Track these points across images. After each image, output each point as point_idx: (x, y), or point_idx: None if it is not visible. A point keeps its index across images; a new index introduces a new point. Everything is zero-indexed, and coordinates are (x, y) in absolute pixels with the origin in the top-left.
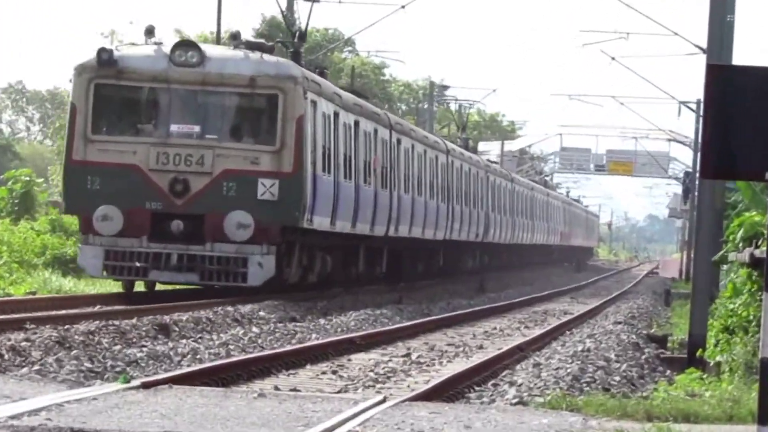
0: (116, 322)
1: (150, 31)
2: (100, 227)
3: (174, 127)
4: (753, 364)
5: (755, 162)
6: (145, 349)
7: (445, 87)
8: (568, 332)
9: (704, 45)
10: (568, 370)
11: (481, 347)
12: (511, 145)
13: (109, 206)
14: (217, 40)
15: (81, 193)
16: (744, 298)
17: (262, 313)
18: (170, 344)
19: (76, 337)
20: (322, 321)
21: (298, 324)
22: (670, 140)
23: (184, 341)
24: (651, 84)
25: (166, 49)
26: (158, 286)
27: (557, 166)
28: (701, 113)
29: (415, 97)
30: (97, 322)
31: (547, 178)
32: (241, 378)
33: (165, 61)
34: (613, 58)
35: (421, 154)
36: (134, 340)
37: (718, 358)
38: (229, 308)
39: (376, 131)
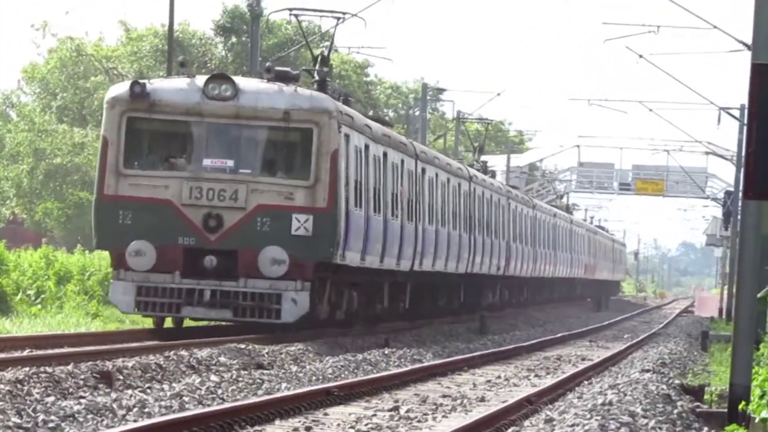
0: (49, 369)
1: (183, 64)
2: (132, 263)
3: (207, 162)
4: None
5: None
6: (83, 400)
7: (441, 90)
8: (586, 382)
9: (749, 40)
10: (586, 428)
11: (482, 399)
12: (519, 159)
13: (142, 241)
14: (170, 34)
15: (113, 229)
16: None
17: (222, 359)
18: (113, 395)
19: (2, 386)
20: (293, 368)
21: (265, 372)
22: (708, 153)
23: (129, 392)
24: (685, 86)
25: (200, 82)
26: (186, 323)
27: (574, 184)
28: (745, 121)
29: (404, 101)
30: (27, 368)
31: (569, 204)
32: None
33: (198, 95)
34: (640, 56)
35: (445, 183)
36: (71, 390)
37: (764, 413)
38: (183, 353)
39: (402, 162)
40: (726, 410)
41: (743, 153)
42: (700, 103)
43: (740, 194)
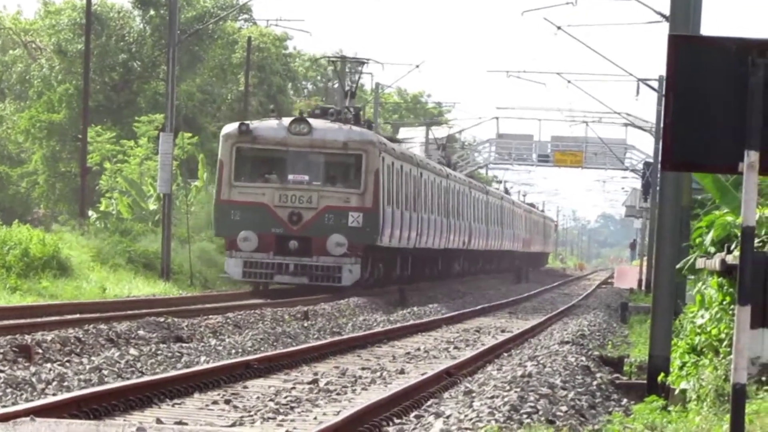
0: None
1: (274, 110)
2: (242, 245)
3: (291, 177)
4: (724, 390)
5: (726, 151)
6: (2, 374)
7: (360, 62)
8: (505, 354)
9: (667, 12)
10: (506, 399)
11: (401, 372)
12: (438, 131)
13: (249, 231)
14: (88, 7)
15: (226, 223)
16: (714, 312)
17: (141, 332)
18: (32, 369)
19: None
20: (212, 341)
21: (184, 345)
22: (626, 125)
23: (48, 365)
24: (604, 58)
25: (286, 122)
26: (272, 286)
27: (493, 156)
28: (663, 92)
29: (323, 74)
30: None
31: (504, 184)
32: (117, 409)
33: (284, 131)
34: (558, 28)
35: (433, 182)
36: None
37: (683, 385)
38: (103, 326)
39: (410, 171)
40: (645, 382)
41: (661, 124)
42: (619, 74)
43: (659, 166)
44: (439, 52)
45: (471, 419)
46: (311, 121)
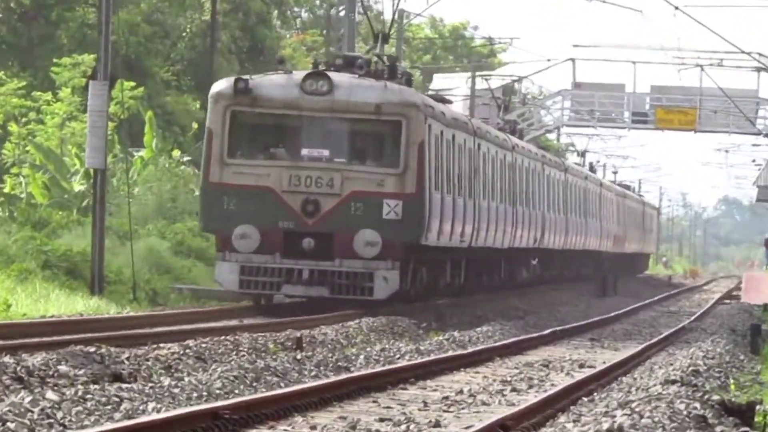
0: None
1: (282, 62)
2: (238, 245)
3: (305, 151)
4: None
5: None
6: None
7: None
8: (585, 399)
9: None
10: None
11: (436, 425)
12: (489, 81)
13: (248, 225)
14: None
15: (218, 213)
16: None
17: (63, 368)
18: None
19: None
20: (166, 381)
21: (124, 386)
22: (759, 70)
23: None
24: None
25: (297, 77)
26: (276, 299)
27: (567, 115)
28: None
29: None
30: None
31: (585, 157)
32: None
33: (296, 90)
34: None
35: (495, 156)
36: None
37: None
38: (7, 360)
39: (465, 141)
40: None
41: None
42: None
43: None
44: None
45: None
46: (332, 75)
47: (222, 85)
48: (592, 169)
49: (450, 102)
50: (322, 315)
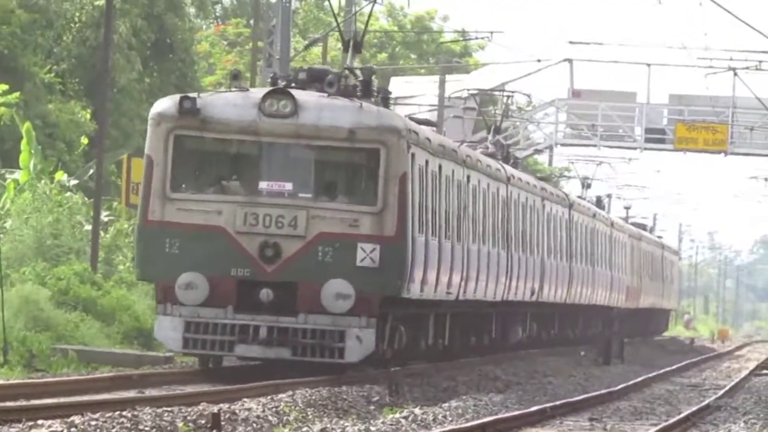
0: None
1: (236, 77)
2: (183, 296)
3: (263, 185)
4: None
5: None
6: None
7: None
8: None
9: None
10: None
11: None
12: (464, 82)
13: (194, 273)
14: None
15: (158, 258)
16: None
17: None
18: None
19: None
20: None
21: None
22: None
23: None
24: None
25: (256, 96)
26: (226, 361)
27: (562, 132)
28: None
29: None
30: None
31: (588, 188)
32: None
33: (254, 111)
34: None
35: (486, 190)
36: None
37: None
38: None
39: (453, 172)
40: None
41: None
42: None
43: None
44: None
45: None
46: (297, 94)
47: (164, 104)
48: (600, 204)
49: (435, 125)
50: (247, 384)
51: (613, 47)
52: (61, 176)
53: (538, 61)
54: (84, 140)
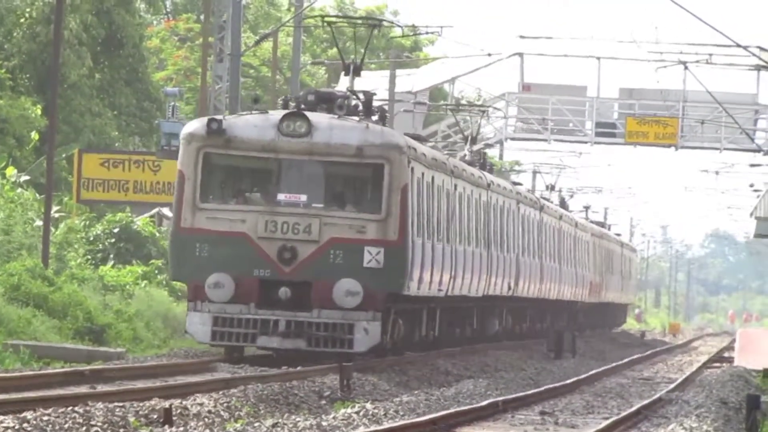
0: None
1: (256, 100)
2: (211, 294)
3: (281, 196)
4: None
5: None
6: None
7: None
8: None
9: None
10: None
11: None
12: (413, 79)
13: (221, 274)
14: None
15: (189, 261)
16: None
17: None
18: None
19: None
20: None
21: None
22: (759, 68)
23: None
24: None
25: (274, 118)
26: (248, 351)
27: (512, 126)
28: None
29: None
30: None
31: (563, 194)
32: None
33: (273, 131)
34: None
35: (470, 197)
36: None
37: None
38: None
39: (443, 182)
40: None
41: None
42: None
43: None
44: None
45: None
46: (310, 116)
47: (194, 125)
48: (563, 204)
49: (426, 140)
50: (199, 379)
51: (564, 41)
52: (11, 172)
53: (489, 55)
54: (35, 136)
